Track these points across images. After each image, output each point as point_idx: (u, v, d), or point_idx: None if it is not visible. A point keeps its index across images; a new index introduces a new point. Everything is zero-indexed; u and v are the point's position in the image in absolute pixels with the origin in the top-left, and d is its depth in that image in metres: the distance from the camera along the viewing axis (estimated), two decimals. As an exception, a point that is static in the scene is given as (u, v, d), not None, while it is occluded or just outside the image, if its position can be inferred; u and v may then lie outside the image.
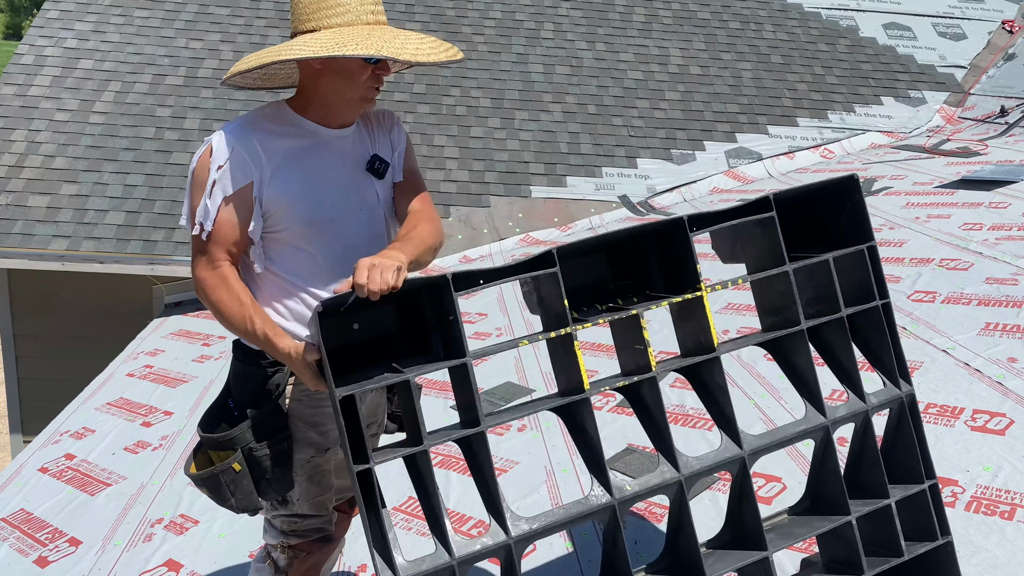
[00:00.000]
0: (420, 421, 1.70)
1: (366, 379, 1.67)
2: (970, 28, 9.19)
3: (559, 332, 1.79)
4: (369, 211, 1.97)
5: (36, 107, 6.92)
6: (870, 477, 2.06)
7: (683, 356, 2.00)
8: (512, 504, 3.01)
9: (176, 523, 3.27)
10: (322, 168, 1.89)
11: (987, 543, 2.39)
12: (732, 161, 7.36)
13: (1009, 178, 5.60)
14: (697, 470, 1.88)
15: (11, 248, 6.01)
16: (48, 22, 7.67)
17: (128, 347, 5.58)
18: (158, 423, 4.27)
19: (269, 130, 1.86)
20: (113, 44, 7.56)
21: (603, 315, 1.85)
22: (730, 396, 1.95)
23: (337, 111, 1.91)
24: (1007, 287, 3.91)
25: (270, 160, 1.83)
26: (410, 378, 1.67)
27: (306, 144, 1.89)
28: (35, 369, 6.69)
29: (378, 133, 2.04)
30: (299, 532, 2.06)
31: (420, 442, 1.69)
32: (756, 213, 1.96)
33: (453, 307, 1.67)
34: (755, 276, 1.98)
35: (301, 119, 1.90)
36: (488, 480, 1.74)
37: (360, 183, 1.96)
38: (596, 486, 1.82)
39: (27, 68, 7.23)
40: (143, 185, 6.47)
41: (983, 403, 3.05)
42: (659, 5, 8.99)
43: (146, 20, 7.84)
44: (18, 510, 3.53)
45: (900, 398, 2.07)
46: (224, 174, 1.81)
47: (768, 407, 3.33)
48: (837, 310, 2.01)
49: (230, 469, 1.88)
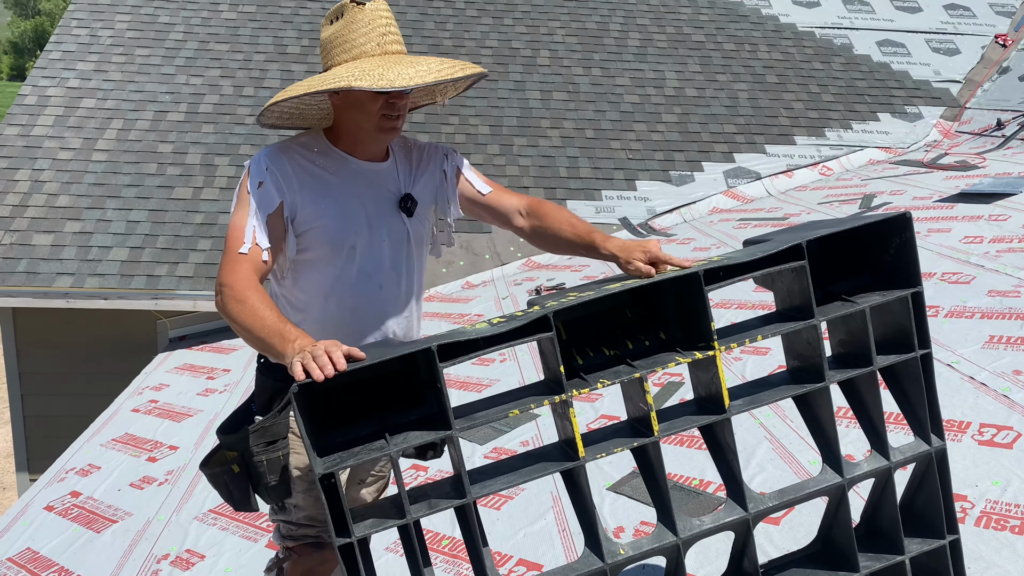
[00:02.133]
0: (403, 494, 1.64)
1: (352, 433, 1.64)
2: (963, 43, 9.24)
3: (552, 399, 1.71)
4: (395, 244, 2.02)
5: (39, 146, 6.98)
6: (886, 528, 1.99)
7: (696, 400, 1.91)
8: (519, 532, 2.99)
9: (182, 558, 3.25)
10: (348, 196, 1.96)
11: (998, 558, 2.36)
12: (731, 181, 7.38)
13: (1008, 190, 5.60)
14: (697, 533, 1.81)
15: (15, 287, 6.03)
16: (51, 63, 7.76)
17: (133, 382, 5.58)
18: (163, 458, 4.25)
19: (302, 155, 1.96)
20: (115, 83, 7.63)
21: (604, 375, 1.76)
22: (738, 455, 1.86)
23: (361, 142, 1.98)
24: (1010, 299, 3.90)
25: (301, 184, 1.92)
26: (391, 453, 1.61)
27: (335, 172, 1.97)
28: (40, 407, 6.68)
29: (420, 169, 2.10)
30: (295, 536, 2.11)
31: (403, 515, 1.64)
32: (787, 261, 1.80)
33: (439, 376, 1.61)
34: (778, 328, 1.86)
35: (333, 148, 1.99)
36: (479, 551, 1.71)
37: (389, 216, 2.01)
38: (588, 554, 1.75)
39: (30, 108, 7.30)
40: (146, 221, 6.50)
41: (989, 417, 3.03)
42: (654, 29, 9.06)
43: (147, 58, 7.92)
44: (24, 549, 3.51)
45: (930, 453, 1.96)
46: (259, 195, 1.90)
47: (773, 426, 3.31)
48: (870, 361, 1.89)
49: (230, 470, 1.93)
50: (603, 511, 2.96)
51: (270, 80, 7.85)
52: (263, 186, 1.90)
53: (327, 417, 1.67)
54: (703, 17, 9.32)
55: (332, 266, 1.96)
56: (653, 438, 1.78)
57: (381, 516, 1.67)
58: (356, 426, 1.70)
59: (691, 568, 2.08)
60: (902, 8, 9.73)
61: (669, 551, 1.81)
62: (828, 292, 1.93)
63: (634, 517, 2.91)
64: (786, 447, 3.15)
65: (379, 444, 1.64)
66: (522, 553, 2.87)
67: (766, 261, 1.82)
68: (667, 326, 1.86)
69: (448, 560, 2.89)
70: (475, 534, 1.71)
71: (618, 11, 9.26)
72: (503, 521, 3.08)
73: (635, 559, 1.77)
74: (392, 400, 1.73)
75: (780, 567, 2.03)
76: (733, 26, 9.22)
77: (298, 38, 8.37)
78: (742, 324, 1.95)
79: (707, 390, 1.86)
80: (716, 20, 9.29)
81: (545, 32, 8.84)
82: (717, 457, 1.91)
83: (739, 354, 3.94)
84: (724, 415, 1.82)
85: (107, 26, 8.21)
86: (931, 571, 2.01)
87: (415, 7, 8.95)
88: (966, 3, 9.92)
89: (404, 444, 1.63)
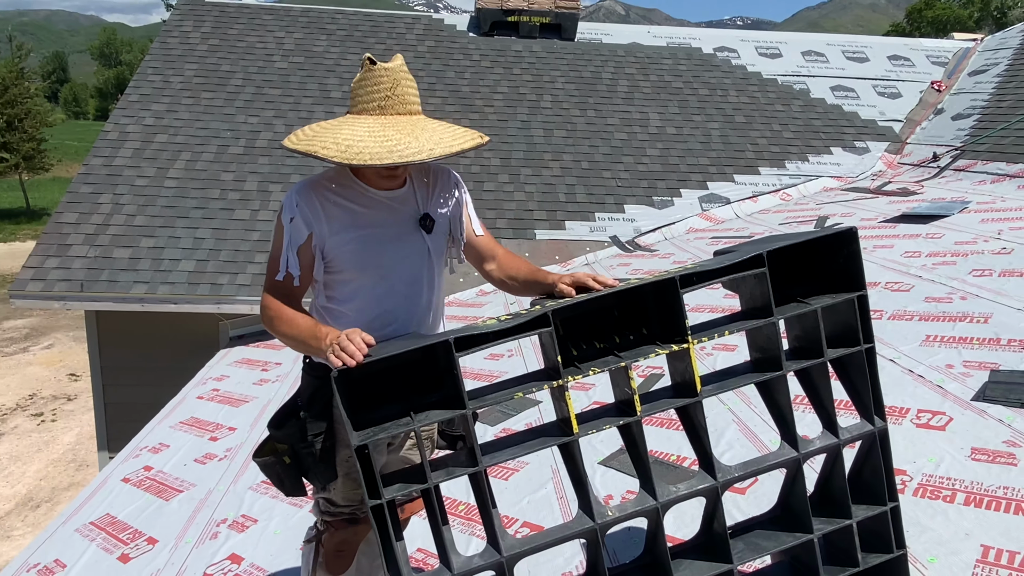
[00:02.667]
0: (425, 463, 1.67)
1: (381, 414, 1.66)
2: (904, 88, 9.23)
3: (551, 384, 1.73)
4: (415, 259, 1.99)
5: (120, 175, 7.03)
6: (837, 496, 1.99)
7: (673, 386, 1.92)
8: (524, 499, 2.99)
9: (238, 522, 3.26)
10: (371, 223, 1.93)
11: (932, 523, 2.35)
12: (705, 205, 7.38)
13: (943, 212, 5.59)
14: (674, 498, 1.82)
15: (99, 293, 6.07)
16: (130, 104, 7.83)
17: (198, 374, 5.60)
18: (223, 438, 4.27)
19: (329, 190, 1.91)
20: (184, 121, 7.70)
21: (596, 364, 1.77)
22: (708, 433, 1.87)
23: (374, 181, 1.93)
24: (943, 305, 3.89)
25: (329, 216, 1.88)
26: (415, 428, 1.64)
27: (359, 202, 1.92)
28: (119, 395, 6.71)
29: (435, 191, 2.04)
30: (332, 513, 2.09)
31: (425, 481, 1.67)
32: (750, 268, 1.82)
33: (455, 364, 1.64)
34: (743, 325, 1.87)
35: (356, 181, 1.94)
36: (489, 512, 1.72)
37: (409, 236, 1.97)
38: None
39: (112, 143, 7.37)
40: (210, 238, 6.54)
41: (926, 404, 3.02)
42: (639, 77, 9.09)
43: (211, 100, 7.99)
44: (104, 515, 3.53)
45: (873, 432, 1.98)
46: (292, 228, 1.88)
47: (740, 411, 3.31)
48: (821, 353, 1.90)
49: (281, 461, 1.92)
50: (595, 481, 2.97)
51: (315, 119, 7.90)
52: (294, 220, 1.88)
53: (362, 399, 1.68)
54: (682, 67, 9.34)
55: (361, 283, 1.94)
56: (636, 417, 1.79)
57: (407, 481, 1.69)
58: (386, 407, 1.71)
59: (669, 531, 2.08)
60: (852, 58, 9.73)
61: (650, 513, 1.81)
62: (786, 295, 1.92)
63: (621, 487, 2.91)
64: (751, 428, 3.15)
65: (405, 420, 1.65)
66: (526, 517, 2.87)
67: (733, 268, 1.83)
68: (649, 323, 1.86)
69: (464, 523, 2.90)
70: (486, 497, 1.71)
71: (609, 62, 9.29)
72: (510, 490, 3.09)
73: (621, 519, 1.78)
74: (416, 385, 1.74)
75: (745, 529, 2.03)
76: (707, 75, 9.24)
77: (340, 84, 8.43)
78: (712, 322, 1.96)
79: (682, 377, 1.87)
80: (692, 70, 9.31)
81: (547, 80, 8.87)
82: (691, 435, 1.91)
83: (711, 350, 3.93)
84: (696, 398, 1.83)
85: (177, 73, 8.29)
86: (875, 533, 2.01)
87: (439, 59, 9.01)
88: (907, 54, 9.92)
89: (426, 420, 1.65)
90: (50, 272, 6.12)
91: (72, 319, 16.09)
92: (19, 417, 12.27)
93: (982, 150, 7.31)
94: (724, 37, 10.13)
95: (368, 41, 9.17)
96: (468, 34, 9.57)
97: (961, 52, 9.85)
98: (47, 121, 32.01)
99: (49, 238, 6.41)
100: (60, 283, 6.06)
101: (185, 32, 8.94)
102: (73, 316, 15.57)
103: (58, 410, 12.50)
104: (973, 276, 4.20)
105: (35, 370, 14.26)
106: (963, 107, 8.41)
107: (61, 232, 6.45)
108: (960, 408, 2.94)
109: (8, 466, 10.70)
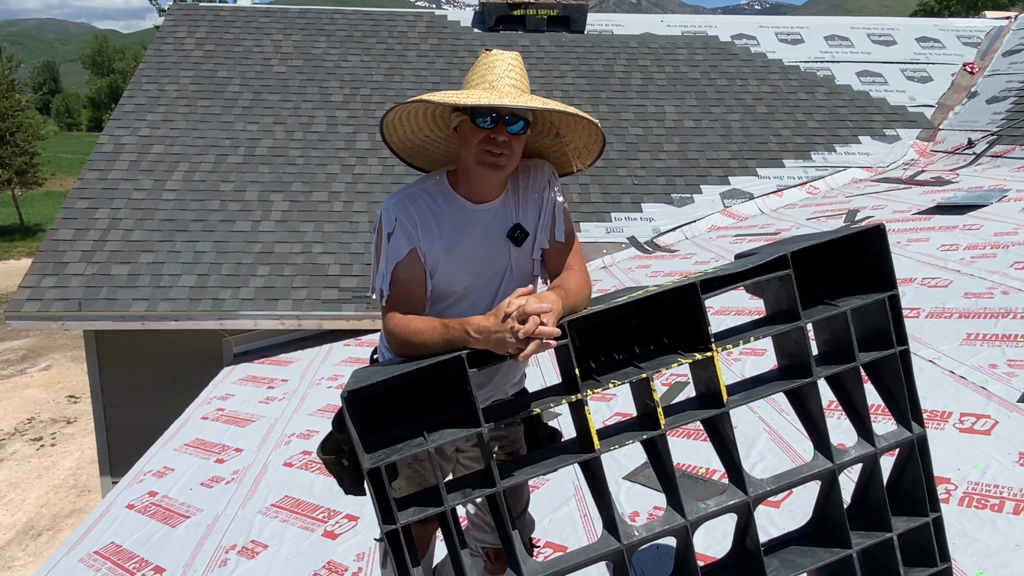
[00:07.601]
0: (441, 486, 1.67)
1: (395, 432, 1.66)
2: (935, 71, 9.17)
3: (569, 398, 1.71)
4: (498, 278, 1.95)
5: (116, 188, 7.11)
6: (875, 508, 1.96)
7: (697, 397, 1.90)
8: (545, 518, 2.99)
9: (248, 548, 3.28)
10: (462, 242, 1.89)
11: (980, 534, 2.33)
12: (727, 201, 7.36)
13: (980, 202, 5.54)
14: (703, 515, 1.80)
15: (97, 312, 6.14)
16: (124, 114, 7.92)
17: (202, 393, 5.64)
18: (230, 459, 4.29)
19: (424, 202, 1.88)
20: (180, 130, 7.77)
21: (615, 376, 1.76)
22: (738, 444, 1.85)
23: (473, 181, 1.87)
24: (984, 300, 3.85)
25: (425, 231, 1.85)
26: (429, 448, 1.63)
27: (453, 218, 1.89)
28: (120, 417, 6.77)
29: (527, 198, 1.96)
30: None
31: (441, 504, 1.67)
32: (774, 270, 1.78)
33: (468, 381, 1.63)
34: (768, 331, 1.84)
35: (453, 193, 1.90)
36: (508, 534, 1.71)
37: (496, 252, 1.93)
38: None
39: (107, 155, 7.45)
40: (211, 251, 6.59)
41: (969, 407, 2.99)
42: (654, 69, 9.08)
43: (208, 108, 8.06)
44: (109, 543, 3.56)
45: (912, 440, 1.94)
46: (391, 246, 1.85)
47: (771, 419, 3.29)
48: (853, 357, 1.86)
49: (340, 462, 1.93)
50: (619, 498, 2.96)
51: (317, 125, 7.96)
52: (393, 237, 1.85)
53: (374, 419, 1.69)
54: (698, 57, 9.33)
55: (445, 303, 1.93)
56: (660, 431, 1.77)
57: (422, 504, 1.69)
58: (398, 427, 1.71)
59: (700, 548, 2.07)
60: (879, 42, 9.68)
61: (679, 532, 1.80)
62: (813, 297, 1.90)
63: (647, 503, 2.90)
64: (783, 438, 3.13)
65: (418, 441, 1.66)
66: (548, 536, 2.87)
67: (756, 271, 1.81)
68: (670, 332, 1.85)
69: (482, 545, 2.89)
70: (505, 519, 1.71)
71: (621, 54, 9.30)
72: (530, 509, 3.07)
73: (648, 540, 1.77)
74: (428, 403, 1.74)
75: (780, 545, 2.01)
76: (725, 64, 9.22)
77: (340, 87, 8.48)
78: (736, 328, 1.95)
79: (707, 387, 1.85)
80: (710, 59, 9.29)
81: (557, 76, 8.89)
82: (719, 447, 1.89)
83: (738, 355, 3.92)
84: (723, 409, 1.81)
85: (172, 81, 8.38)
86: (917, 546, 1.98)
87: (443, 57, 9.05)
88: (936, 36, 9.86)
89: (439, 440, 1.65)
90: (47, 291, 6.20)
91: (70, 338, 16.26)
92: (17, 442, 12.40)
93: (1020, 134, 7.24)
94: (742, 23, 10.11)
95: (369, 41, 9.24)
96: (473, 30, 9.61)
97: (994, 31, 9.77)
98: (39, 134, 32.44)
99: (45, 256, 6.49)
100: (57, 302, 6.13)
101: (179, 38, 9.05)
102: (71, 335, 15.74)
103: (58, 434, 12.63)
104: (1015, 269, 4.16)
105: (33, 392, 14.41)
106: (998, 89, 8.34)
107: (57, 249, 6.53)
108: (1006, 410, 2.90)
109: (7, 493, 10.81)
